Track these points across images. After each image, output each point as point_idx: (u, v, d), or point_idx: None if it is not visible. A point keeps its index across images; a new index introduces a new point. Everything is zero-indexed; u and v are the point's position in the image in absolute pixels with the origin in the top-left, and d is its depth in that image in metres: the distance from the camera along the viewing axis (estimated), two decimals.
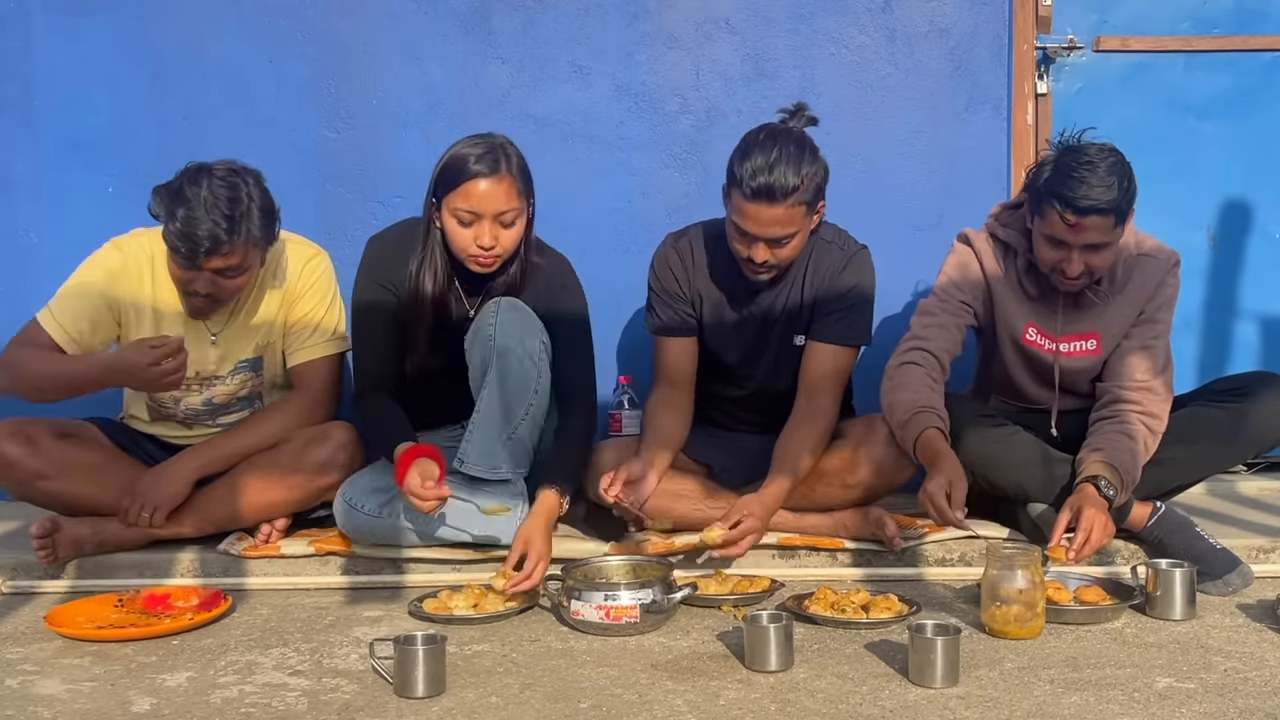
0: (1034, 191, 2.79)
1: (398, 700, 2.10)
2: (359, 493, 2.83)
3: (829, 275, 2.96)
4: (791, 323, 3.02)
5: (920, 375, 2.84)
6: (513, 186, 2.76)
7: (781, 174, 2.72)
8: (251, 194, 2.75)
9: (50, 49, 3.68)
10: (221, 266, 2.75)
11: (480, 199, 2.73)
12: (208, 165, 2.75)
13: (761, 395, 3.12)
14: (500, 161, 2.75)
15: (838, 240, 3.00)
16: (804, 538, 2.93)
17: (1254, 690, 2.11)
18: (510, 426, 2.80)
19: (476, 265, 2.82)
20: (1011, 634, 2.38)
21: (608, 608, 2.45)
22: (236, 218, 2.70)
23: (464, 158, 2.75)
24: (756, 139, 2.79)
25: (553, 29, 3.68)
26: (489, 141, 2.79)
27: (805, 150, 2.78)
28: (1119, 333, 2.91)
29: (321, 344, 3.03)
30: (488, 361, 2.79)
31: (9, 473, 2.86)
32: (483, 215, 2.74)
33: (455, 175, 2.75)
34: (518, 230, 2.81)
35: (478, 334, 2.83)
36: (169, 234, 2.72)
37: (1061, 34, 3.72)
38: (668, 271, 3.04)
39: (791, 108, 2.89)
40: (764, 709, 2.04)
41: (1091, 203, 2.66)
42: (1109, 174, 2.67)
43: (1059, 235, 2.74)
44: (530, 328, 2.82)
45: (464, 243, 2.78)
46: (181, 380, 2.71)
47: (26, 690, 2.19)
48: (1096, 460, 2.69)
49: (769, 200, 2.73)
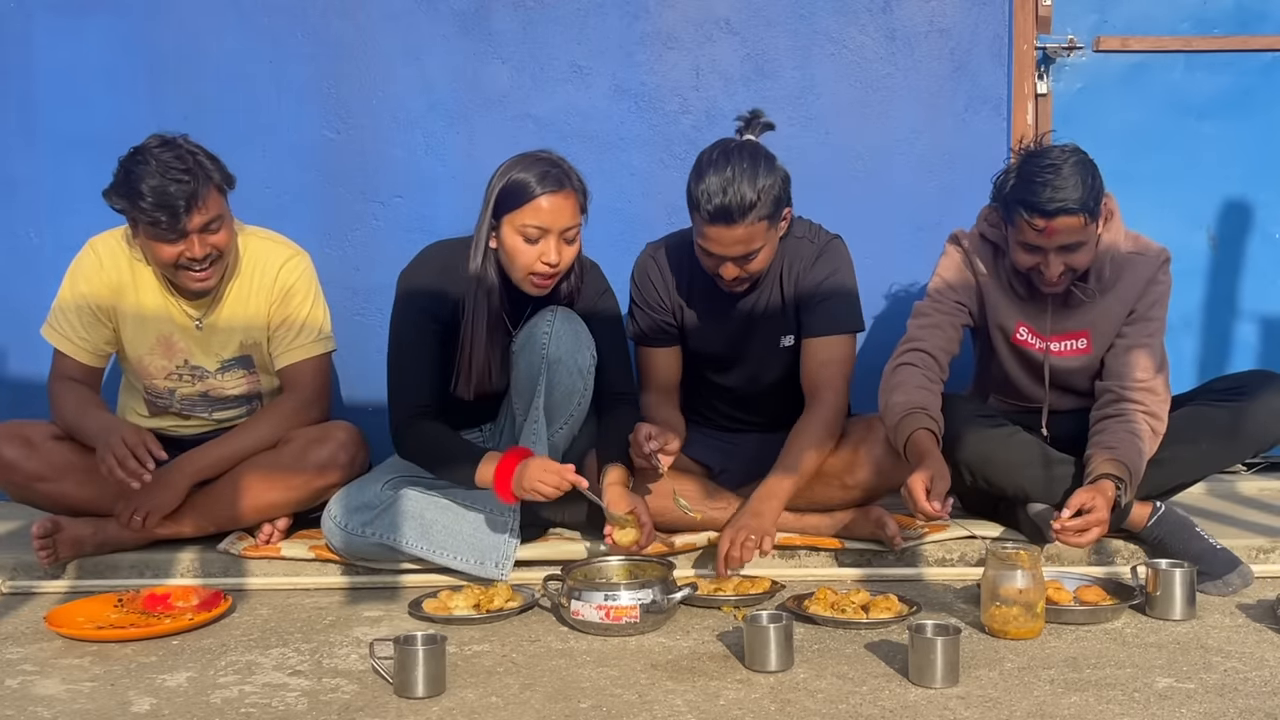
0: (1001, 200, 2.79)
1: (398, 700, 2.10)
2: (344, 510, 2.82)
3: (804, 270, 2.96)
4: (775, 323, 3.00)
5: (915, 375, 2.84)
6: (577, 202, 2.77)
7: (736, 193, 2.70)
8: (190, 148, 2.79)
9: (50, 49, 3.68)
10: (203, 222, 2.77)
11: (550, 215, 2.71)
12: (137, 146, 2.78)
13: (754, 396, 3.11)
14: (564, 179, 2.75)
15: (809, 234, 2.99)
16: (804, 538, 2.93)
17: (1254, 690, 2.11)
18: (550, 431, 2.83)
19: (533, 286, 2.78)
20: (1011, 634, 2.38)
21: (608, 608, 2.45)
22: (193, 169, 2.75)
23: (527, 178, 2.72)
24: (710, 159, 2.77)
25: (553, 29, 3.68)
26: (549, 158, 2.78)
27: (760, 164, 2.74)
28: (1109, 331, 2.91)
29: (307, 345, 3.03)
30: (537, 366, 2.79)
31: (8, 475, 2.88)
32: (550, 231, 2.72)
33: (521, 194, 2.72)
34: (577, 246, 2.81)
35: (530, 340, 2.81)
36: (144, 216, 2.73)
37: (1061, 34, 3.72)
38: (648, 282, 3.04)
39: (747, 115, 2.87)
40: (764, 709, 2.04)
41: (1059, 205, 2.66)
42: (1072, 173, 2.67)
43: (1031, 241, 2.74)
44: (582, 341, 2.83)
45: (528, 260, 2.74)
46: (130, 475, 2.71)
47: (26, 690, 2.19)
48: (1109, 459, 2.68)
49: (727, 222, 2.72)
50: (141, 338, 2.98)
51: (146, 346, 2.99)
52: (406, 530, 2.77)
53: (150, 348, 2.99)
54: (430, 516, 2.79)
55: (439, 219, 3.61)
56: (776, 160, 2.79)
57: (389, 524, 2.78)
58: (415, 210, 3.69)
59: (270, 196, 3.59)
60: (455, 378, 2.84)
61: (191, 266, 2.83)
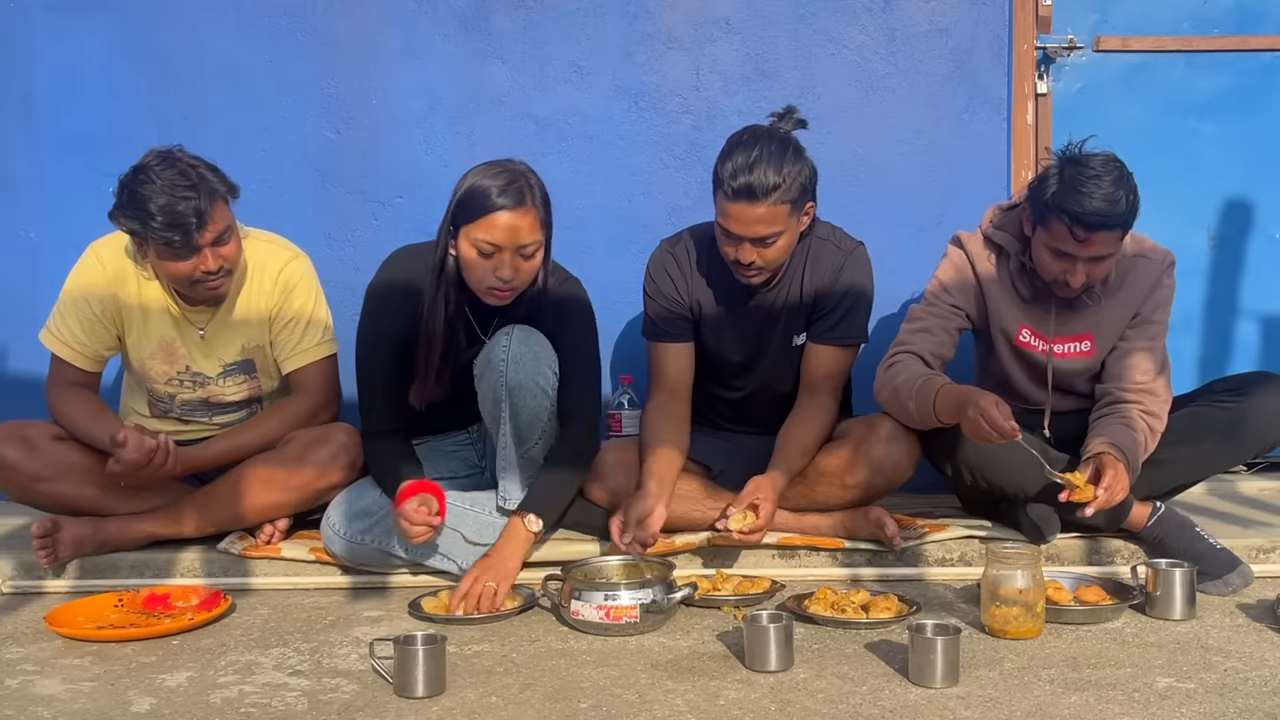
0: (1039, 204, 2.77)
1: (398, 700, 2.10)
2: (342, 517, 2.81)
3: (827, 274, 2.96)
4: (790, 322, 3.02)
5: (911, 361, 2.85)
6: (536, 219, 2.69)
7: (762, 172, 2.71)
8: (190, 161, 2.77)
9: (50, 49, 3.68)
10: (214, 236, 2.77)
11: (503, 232, 2.65)
12: (138, 165, 2.76)
13: (761, 396, 3.12)
14: (525, 194, 2.66)
15: (833, 238, 3.00)
16: (804, 538, 2.93)
17: (1254, 690, 2.11)
18: (523, 450, 2.81)
19: (493, 298, 2.73)
20: (1011, 634, 2.38)
21: (608, 608, 2.45)
22: (197, 183, 2.73)
23: (486, 189, 2.65)
24: (739, 139, 2.79)
25: (553, 29, 3.68)
26: (511, 170, 2.70)
27: (788, 150, 2.77)
28: (1113, 334, 2.91)
29: (314, 347, 3.03)
30: (498, 394, 2.75)
31: (8, 475, 2.87)
32: (504, 248, 2.66)
33: (477, 206, 2.65)
34: (537, 261, 2.74)
35: (489, 366, 2.77)
36: (156, 236, 2.71)
37: (1061, 34, 3.72)
38: (665, 277, 3.04)
39: (781, 110, 2.88)
40: (764, 709, 2.04)
41: (1101, 219, 2.66)
42: (1115, 187, 2.67)
43: (1066, 249, 2.73)
44: (542, 358, 2.76)
45: (482, 274, 2.70)
46: (158, 467, 2.77)
47: (26, 690, 2.19)
48: (1101, 441, 2.70)
49: (750, 199, 2.73)
50: (144, 342, 2.98)
51: (149, 351, 2.99)
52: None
53: (152, 352, 2.99)
54: None
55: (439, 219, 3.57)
56: (806, 152, 2.81)
57: (387, 530, 2.77)
58: (415, 210, 3.68)
59: (270, 196, 3.58)
60: (417, 387, 2.82)
61: (205, 280, 2.83)
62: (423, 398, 2.82)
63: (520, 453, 2.81)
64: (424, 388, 2.81)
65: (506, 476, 2.82)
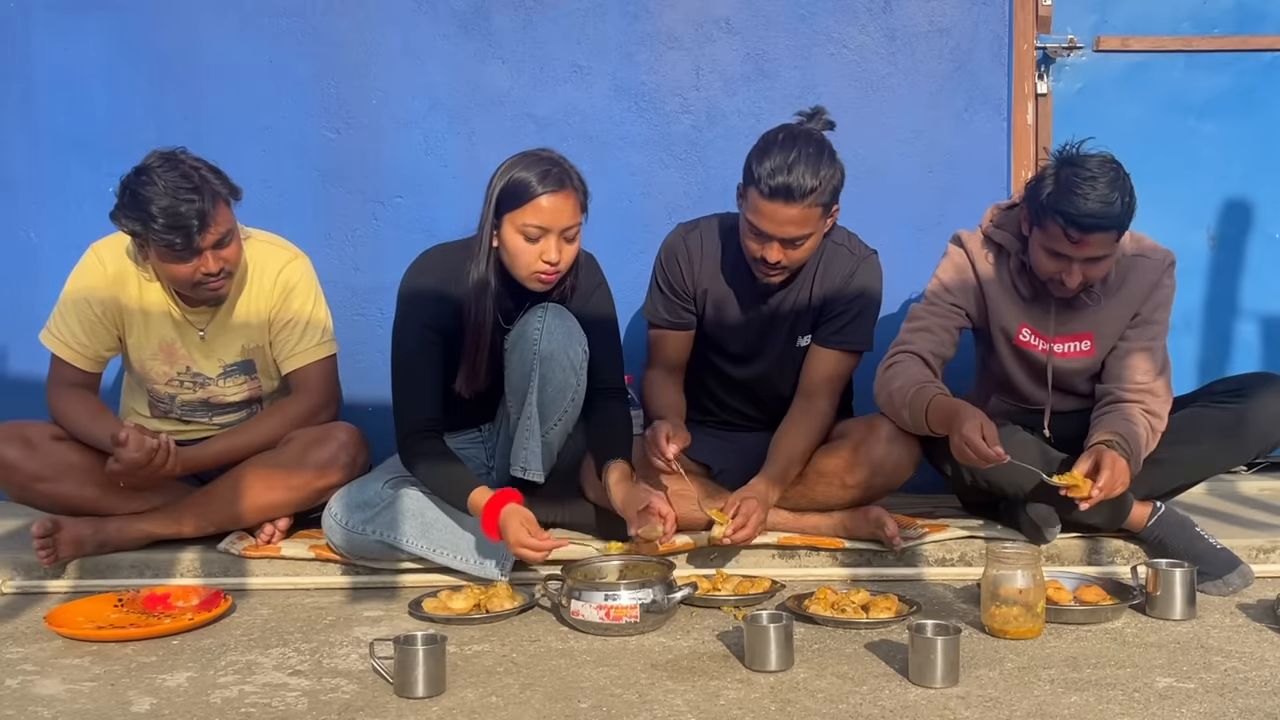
0: (1035, 205, 2.77)
1: (398, 700, 2.10)
2: (345, 508, 2.82)
3: (839, 279, 2.97)
4: (797, 324, 3.02)
5: (911, 362, 2.86)
6: (576, 201, 2.76)
7: (800, 175, 2.72)
8: (193, 163, 2.76)
9: (50, 49, 3.68)
10: (215, 238, 2.76)
11: (550, 214, 2.71)
12: (140, 166, 2.75)
13: (763, 394, 3.12)
14: (565, 178, 2.74)
15: (848, 244, 3.01)
16: (804, 538, 2.93)
17: (1254, 690, 2.11)
18: (544, 428, 2.83)
19: (538, 283, 2.78)
20: (1011, 634, 2.38)
21: (608, 608, 2.45)
22: (199, 185, 2.72)
23: (527, 177, 2.72)
24: (776, 139, 2.79)
25: (553, 29, 3.68)
26: (547, 158, 2.77)
27: (824, 152, 2.78)
28: (1113, 334, 2.91)
29: (313, 347, 3.03)
30: (529, 365, 2.80)
31: (8, 475, 2.87)
32: (551, 230, 2.72)
33: (521, 193, 2.71)
34: (578, 245, 2.80)
35: (522, 338, 2.81)
36: (158, 238, 2.71)
37: (1061, 34, 3.72)
38: (675, 263, 3.04)
39: (809, 111, 2.88)
40: (764, 709, 2.04)
41: (1096, 220, 2.66)
42: (1110, 189, 2.67)
43: (1061, 250, 2.74)
44: (574, 336, 2.82)
45: (529, 259, 2.74)
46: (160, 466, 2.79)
47: (26, 690, 2.19)
48: (1103, 432, 2.70)
49: (786, 200, 2.73)
50: (145, 342, 2.98)
51: (149, 351, 2.99)
52: (407, 528, 2.78)
53: (153, 353, 2.99)
54: (431, 515, 2.79)
55: (439, 219, 3.61)
56: (838, 155, 2.82)
57: (389, 522, 2.78)
58: (415, 210, 3.69)
59: (270, 196, 3.59)
60: (457, 377, 2.85)
61: (206, 281, 2.83)
62: (471, 387, 2.86)
63: (542, 430, 2.83)
64: (474, 376, 2.85)
65: (528, 447, 2.83)
